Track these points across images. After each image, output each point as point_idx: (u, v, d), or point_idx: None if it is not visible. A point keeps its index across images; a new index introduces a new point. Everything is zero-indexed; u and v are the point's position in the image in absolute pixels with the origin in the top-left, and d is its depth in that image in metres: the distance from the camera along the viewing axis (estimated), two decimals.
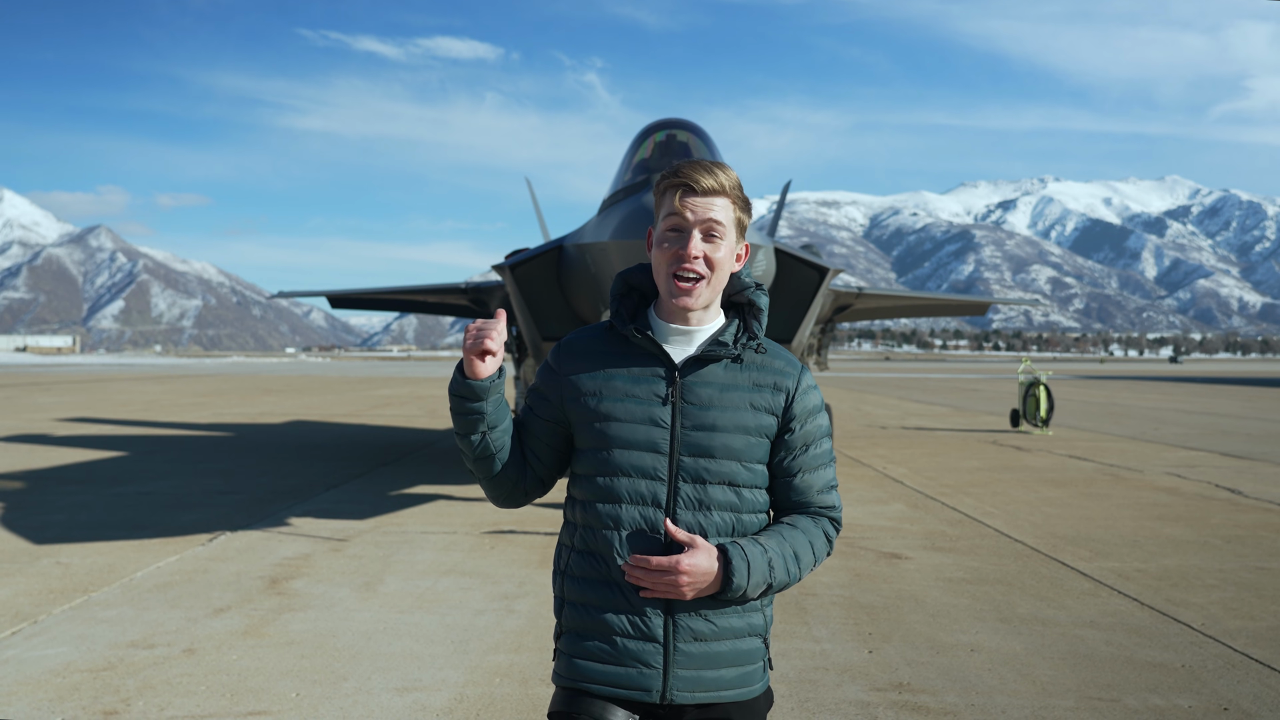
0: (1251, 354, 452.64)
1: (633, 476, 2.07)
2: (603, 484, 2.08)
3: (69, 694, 4.55)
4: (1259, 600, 6.31)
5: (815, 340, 16.73)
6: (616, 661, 2.04)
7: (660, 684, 2.04)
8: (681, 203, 2.06)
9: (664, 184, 2.11)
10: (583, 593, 2.09)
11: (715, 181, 2.07)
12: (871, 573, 7.08)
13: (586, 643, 2.07)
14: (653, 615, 2.04)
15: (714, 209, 2.06)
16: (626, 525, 2.06)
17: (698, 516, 2.06)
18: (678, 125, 10.13)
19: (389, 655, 5.15)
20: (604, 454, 2.09)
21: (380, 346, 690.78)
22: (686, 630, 2.05)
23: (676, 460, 2.07)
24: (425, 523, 9.12)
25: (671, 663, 2.04)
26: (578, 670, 2.07)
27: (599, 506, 2.08)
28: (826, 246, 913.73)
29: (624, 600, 2.05)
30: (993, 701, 4.50)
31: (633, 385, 2.10)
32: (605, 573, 2.07)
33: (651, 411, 2.08)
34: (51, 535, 8.31)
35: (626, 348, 2.14)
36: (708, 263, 2.06)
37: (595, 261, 8.50)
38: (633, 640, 2.04)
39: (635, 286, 2.20)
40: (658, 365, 2.12)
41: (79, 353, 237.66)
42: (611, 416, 2.08)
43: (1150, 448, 16.30)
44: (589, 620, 2.07)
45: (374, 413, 25.48)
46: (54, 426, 20.11)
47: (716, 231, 2.06)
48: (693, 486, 2.07)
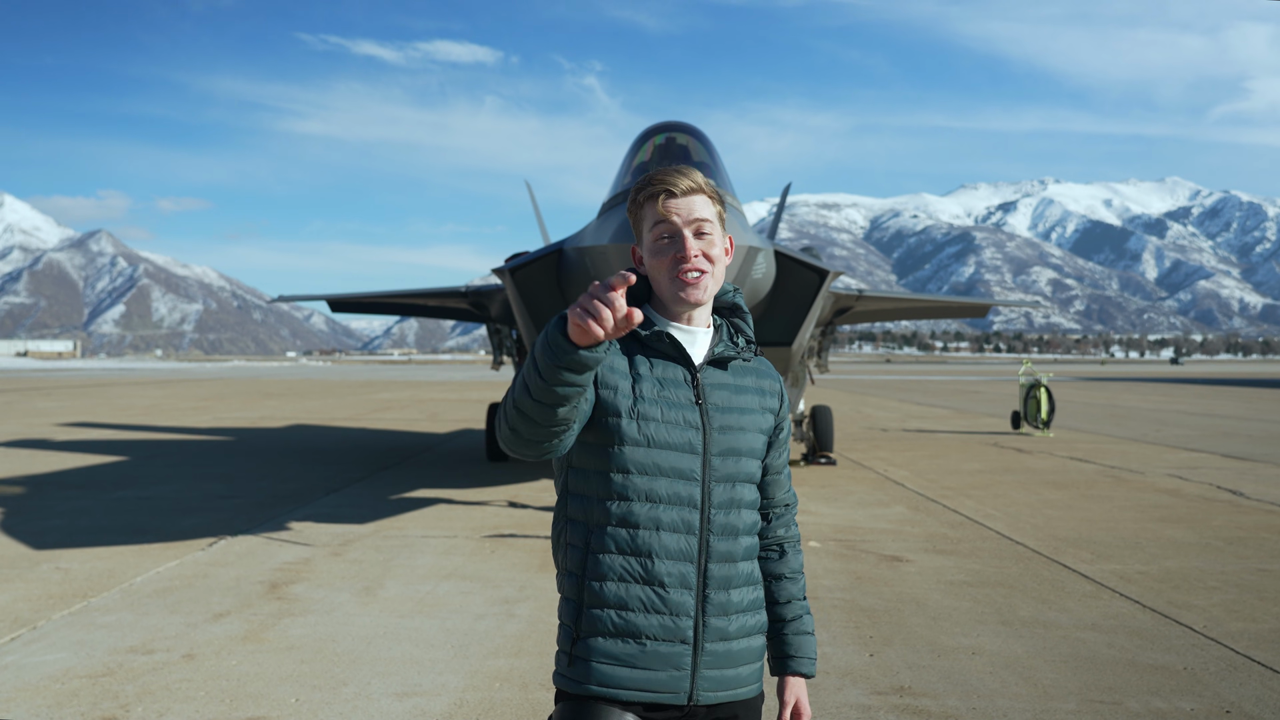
0: (1253, 355, 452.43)
1: (672, 478, 2.07)
2: (641, 484, 2.06)
3: (68, 700, 4.53)
4: (1261, 602, 6.29)
5: (816, 343, 16.71)
6: (646, 665, 2.03)
7: (689, 685, 2.05)
8: (665, 207, 2.10)
9: (641, 195, 2.15)
10: (607, 597, 2.05)
11: (691, 181, 2.12)
12: (872, 576, 7.07)
13: (612, 647, 2.04)
14: (684, 617, 2.05)
15: (697, 208, 2.11)
16: (666, 526, 2.06)
17: (729, 516, 2.10)
18: (677, 128, 10.12)
19: (389, 660, 5.14)
20: (640, 453, 2.06)
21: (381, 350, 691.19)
22: (715, 631, 2.07)
23: (709, 461, 2.09)
24: (426, 527, 9.11)
25: (700, 663, 2.05)
26: (602, 676, 2.03)
27: (635, 507, 2.06)
28: (827, 249, 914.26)
29: (659, 601, 2.04)
30: (994, 705, 4.49)
31: (661, 387, 2.11)
32: (637, 574, 2.05)
33: (685, 414, 2.10)
34: (51, 540, 8.30)
35: (643, 347, 2.14)
36: (706, 258, 2.11)
37: (595, 264, 8.49)
38: (664, 644, 2.04)
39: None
40: (679, 366, 2.14)
41: (79, 357, 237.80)
42: (649, 416, 2.07)
43: (1151, 449, 16.29)
44: (616, 624, 2.04)
45: (375, 416, 25.48)
46: (54, 431, 20.11)
47: (706, 229, 2.11)
48: (723, 486, 2.10)
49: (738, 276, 8.02)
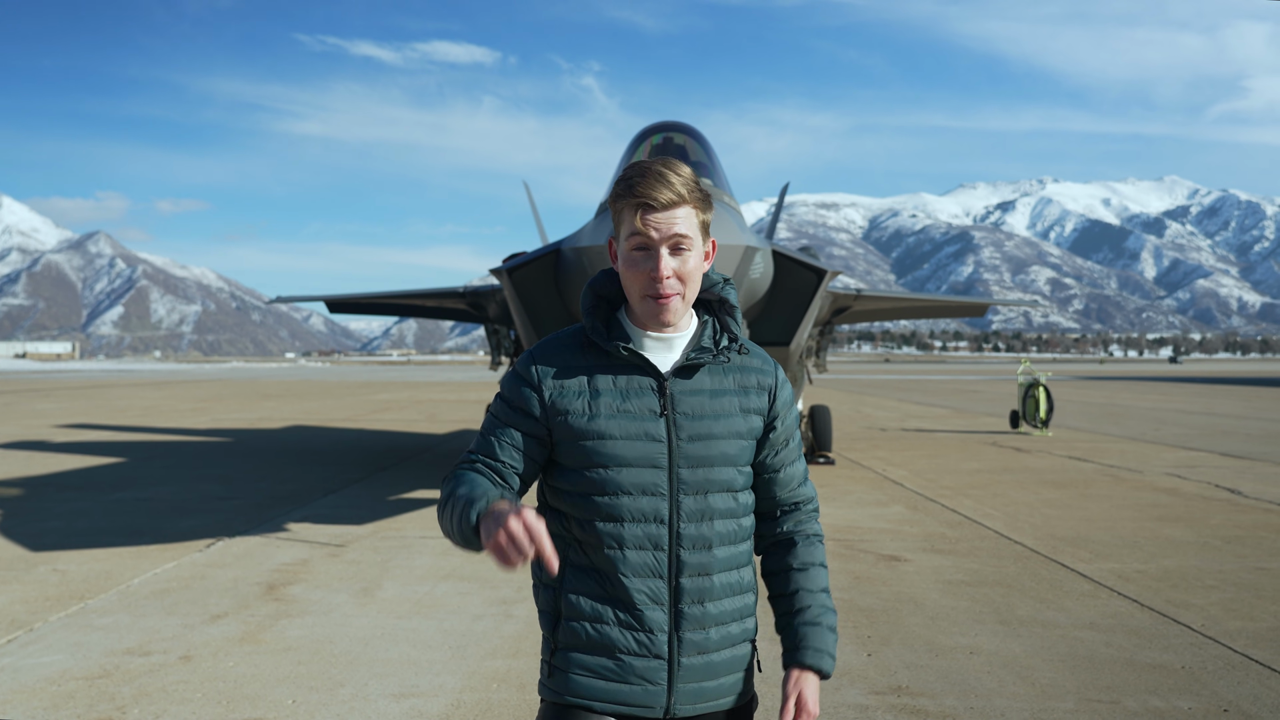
0: (1251, 354, 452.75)
1: (634, 495, 2.01)
2: (602, 503, 2.02)
3: (64, 702, 4.53)
4: (1259, 601, 6.29)
5: (814, 342, 16.70)
6: (620, 679, 2.01)
7: (665, 699, 2.02)
8: (644, 221, 1.99)
9: (620, 202, 2.04)
10: (583, 611, 2.03)
11: (673, 193, 1.99)
12: (871, 575, 7.07)
13: (588, 660, 2.03)
14: (659, 632, 2.02)
15: (677, 222, 1.99)
16: (630, 544, 2.01)
17: (700, 528, 2.03)
18: (674, 128, 10.12)
19: (386, 661, 5.13)
20: (599, 473, 2.02)
21: (380, 351, 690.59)
22: (691, 645, 2.03)
23: (676, 474, 2.03)
24: (424, 527, 9.10)
25: (676, 677, 2.02)
26: (579, 688, 2.02)
27: (599, 525, 2.02)
28: (825, 248, 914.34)
29: (629, 618, 2.01)
30: (992, 704, 4.48)
31: (622, 400, 2.04)
32: (609, 591, 2.02)
33: (646, 427, 2.02)
34: (48, 542, 8.29)
35: (606, 359, 2.08)
36: (679, 279, 2.02)
37: (593, 265, 8.48)
38: (638, 658, 2.01)
39: (603, 296, 2.13)
40: (644, 376, 2.06)
41: (78, 359, 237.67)
42: (605, 434, 2.02)
43: (1150, 448, 16.29)
44: (590, 638, 2.02)
45: (373, 417, 25.46)
46: (53, 433, 20.10)
47: (683, 245, 2.01)
48: (693, 498, 2.03)
49: (735, 276, 8.02)
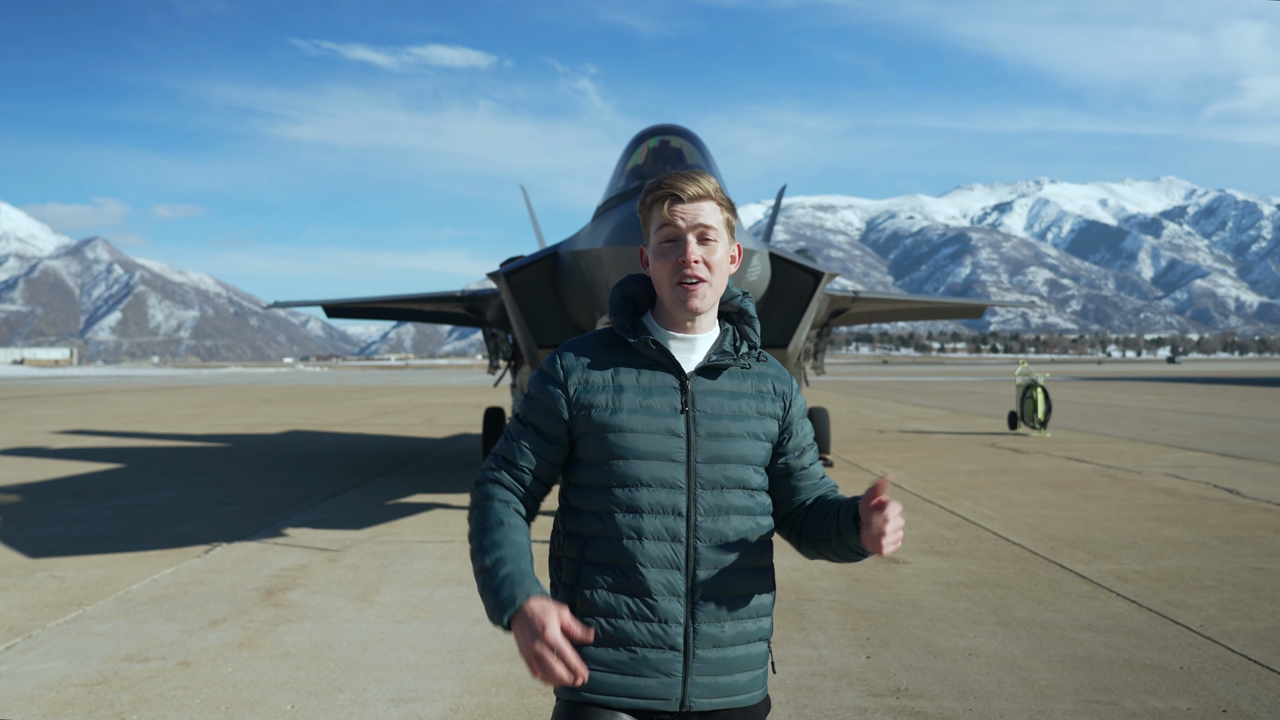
0: (1249, 354, 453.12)
1: (653, 487, 2.09)
2: (622, 495, 2.09)
3: (63, 709, 4.52)
4: (1258, 601, 6.29)
5: (812, 344, 16.72)
6: (636, 672, 2.06)
7: (680, 691, 2.07)
8: (671, 212, 2.13)
9: (649, 198, 2.17)
10: (598, 605, 2.08)
11: (699, 188, 2.14)
12: (869, 577, 7.07)
13: (602, 654, 2.07)
14: (674, 624, 2.07)
15: (703, 213, 2.14)
16: (649, 535, 2.08)
17: (717, 522, 2.11)
18: (671, 131, 10.13)
19: (385, 666, 5.13)
20: (620, 465, 2.09)
21: (378, 355, 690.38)
22: (706, 637, 2.08)
23: (694, 468, 2.11)
24: (422, 532, 9.10)
25: (691, 670, 2.07)
26: (594, 683, 2.06)
27: (618, 517, 2.09)
28: (823, 250, 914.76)
29: (644, 609, 2.07)
30: (990, 706, 4.48)
31: (645, 396, 2.13)
32: (626, 583, 2.08)
33: (667, 422, 2.11)
34: (47, 548, 8.28)
35: (633, 357, 2.17)
36: (706, 265, 2.13)
37: (590, 268, 8.49)
38: (653, 650, 2.06)
39: (630, 298, 2.23)
40: (668, 374, 2.16)
41: (76, 365, 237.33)
42: (627, 428, 2.10)
43: (1148, 449, 16.30)
44: (605, 633, 2.07)
45: (371, 422, 25.45)
46: (50, 439, 20.07)
47: (710, 235, 2.14)
48: (711, 493, 2.11)
49: (733, 278, 8.02)
